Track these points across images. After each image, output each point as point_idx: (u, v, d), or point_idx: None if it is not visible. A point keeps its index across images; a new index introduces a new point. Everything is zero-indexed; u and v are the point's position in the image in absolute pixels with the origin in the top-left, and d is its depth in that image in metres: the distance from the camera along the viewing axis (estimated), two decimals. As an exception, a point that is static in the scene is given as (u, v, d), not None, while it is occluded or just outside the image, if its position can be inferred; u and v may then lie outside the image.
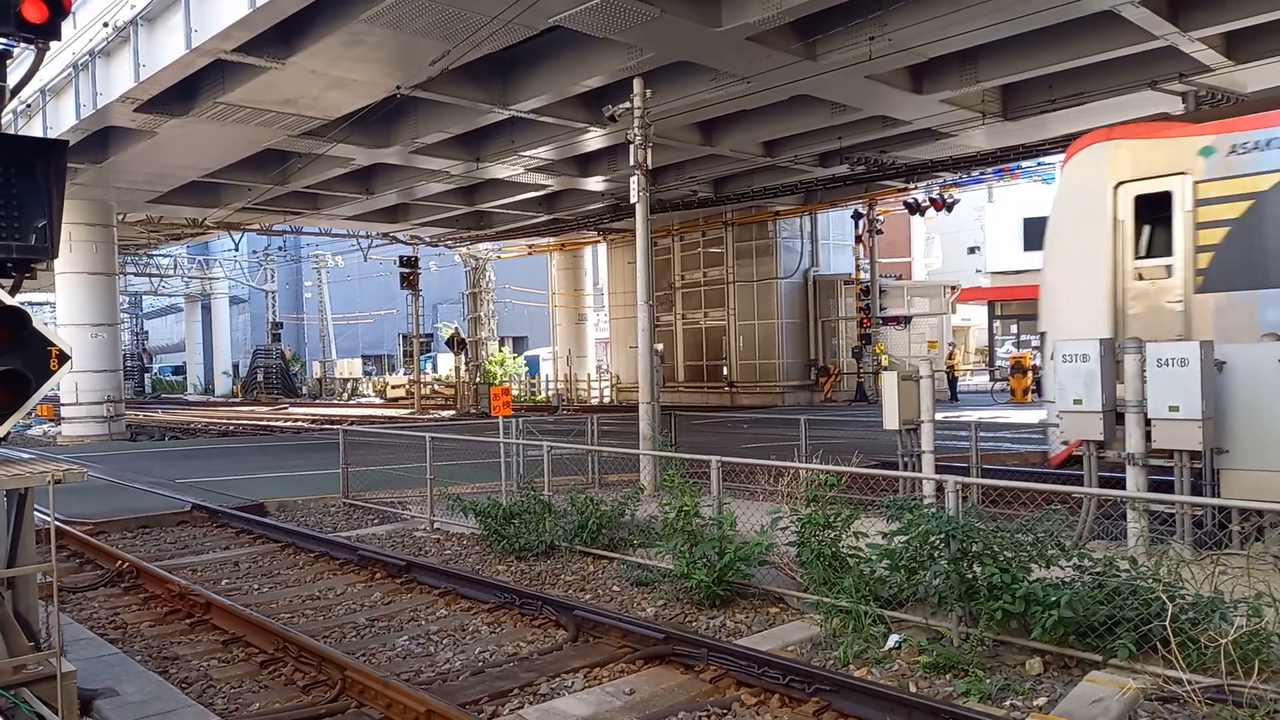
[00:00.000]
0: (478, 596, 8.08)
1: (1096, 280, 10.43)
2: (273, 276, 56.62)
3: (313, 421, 33.33)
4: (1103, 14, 14.64)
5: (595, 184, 27.20)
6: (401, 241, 39.22)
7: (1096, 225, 10.44)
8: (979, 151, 22.98)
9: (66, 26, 4.79)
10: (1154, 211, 10.10)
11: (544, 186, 28.01)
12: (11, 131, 14.41)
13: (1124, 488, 8.32)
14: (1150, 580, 5.87)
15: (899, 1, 14.50)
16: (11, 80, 4.70)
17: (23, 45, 4.63)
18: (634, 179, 13.43)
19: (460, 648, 6.88)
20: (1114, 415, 8.49)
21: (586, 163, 25.70)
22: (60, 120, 20.98)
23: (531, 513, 10.00)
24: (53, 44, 4.76)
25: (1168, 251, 9.99)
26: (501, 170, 25.21)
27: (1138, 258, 10.24)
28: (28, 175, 4.63)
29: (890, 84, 17.77)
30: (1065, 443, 9.72)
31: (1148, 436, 8.22)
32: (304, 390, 55.25)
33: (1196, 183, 9.74)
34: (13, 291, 4.70)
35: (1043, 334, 11.11)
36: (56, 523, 4.95)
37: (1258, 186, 9.39)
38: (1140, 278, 10.22)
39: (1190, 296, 9.79)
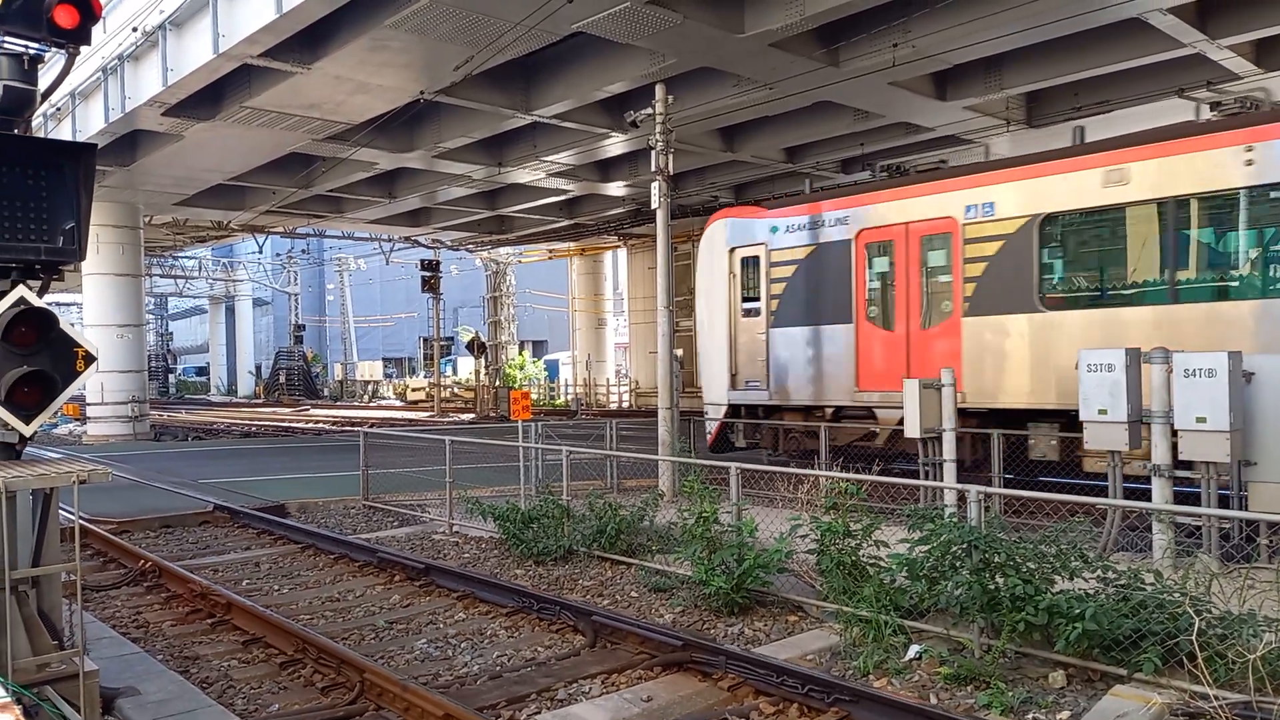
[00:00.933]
0: (496, 600, 8.08)
1: (722, 315, 15.58)
2: (296, 279, 57.09)
3: (334, 423, 33.55)
4: (1130, 21, 14.49)
5: (616, 189, 27.25)
6: (423, 245, 39.45)
7: (721, 277, 15.58)
8: (1002, 159, 22.79)
9: (96, 31, 4.85)
10: (751, 269, 15.25)
11: (565, 191, 28.08)
12: (41, 135, 14.62)
13: (1149, 499, 8.22)
14: (1177, 594, 5.78)
15: (923, 8, 14.43)
16: (43, 84, 4.76)
17: (54, 50, 4.69)
18: (655, 184, 13.43)
19: (478, 651, 6.88)
20: (1139, 425, 8.39)
21: (608, 168, 25.74)
22: (89, 123, 21.26)
23: (550, 517, 10.00)
24: (83, 49, 4.82)
25: (757, 298, 15.14)
26: (523, 175, 25.29)
27: (743, 301, 15.42)
28: (57, 178, 4.69)
29: (914, 90, 17.68)
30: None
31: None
32: (325, 392, 55.64)
33: (769, 250, 14.88)
34: (40, 293, 4.76)
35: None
36: (81, 522, 5.00)
37: (798, 255, 14.55)
38: (744, 315, 15.39)
39: (769, 330, 15.08)
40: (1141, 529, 8.12)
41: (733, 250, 15.39)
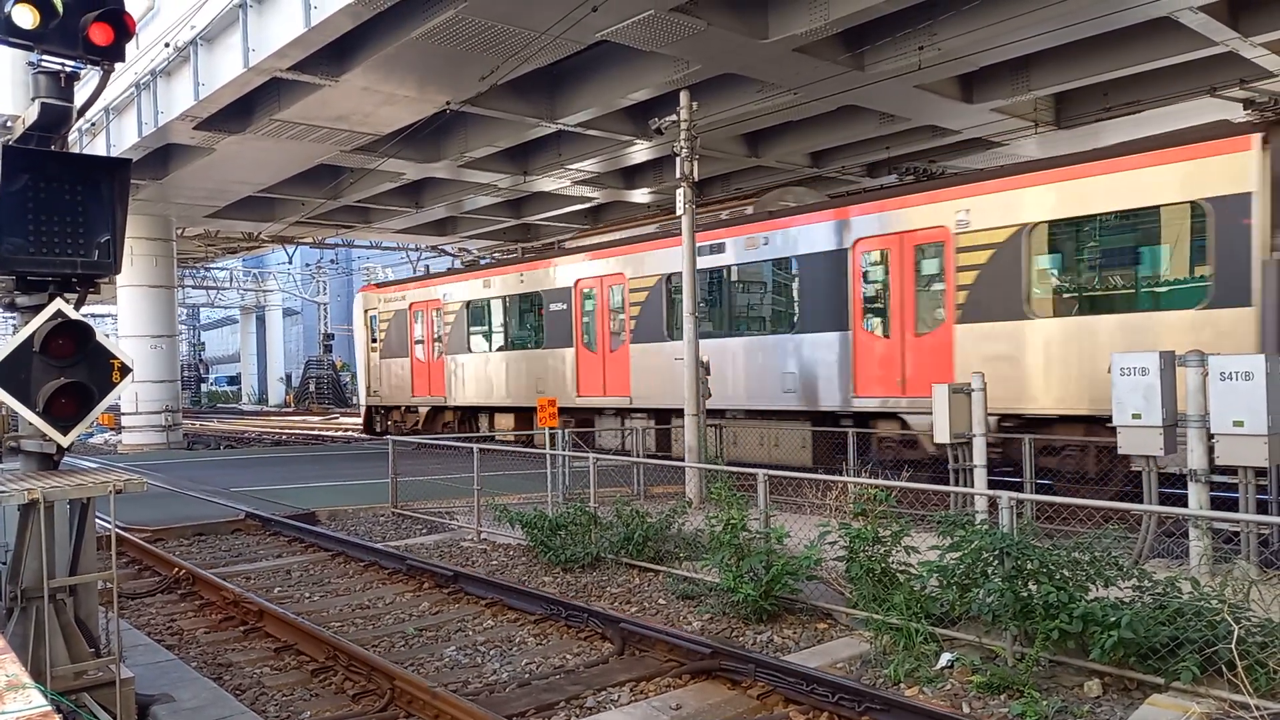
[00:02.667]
0: (524, 608, 8.10)
1: (364, 354, 27.42)
2: (325, 289, 57.70)
3: (363, 431, 33.73)
4: (1160, 20, 14.31)
5: (641, 196, 27.28)
6: (450, 254, 39.68)
7: (361, 326, 27.29)
8: (1030, 161, 22.56)
9: (129, 48, 4.93)
10: (373, 322, 26.99)
11: (590, 199, 28.16)
12: (77, 150, 14.89)
13: (1184, 504, 8.08)
14: (1215, 601, 5.68)
15: (949, 11, 14.33)
16: (78, 100, 4.85)
17: (90, 67, 4.78)
18: (680, 191, 13.43)
19: (507, 659, 6.90)
20: (1174, 430, 8.26)
21: (632, 175, 25.78)
22: (123, 138, 21.63)
23: (577, 524, 10.01)
24: (117, 65, 4.91)
25: (375, 339, 26.80)
26: (548, 183, 25.39)
27: (370, 345, 26.91)
28: (93, 192, 4.77)
29: (940, 93, 17.55)
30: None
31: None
32: (354, 400, 56.06)
33: (379, 310, 26.45)
34: (77, 305, 4.84)
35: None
36: (116, 530, 5.07)
37: (390, 314, 26.09)
38: (372, 354, 26.93)
39: (379, 363, 26.53)
40: (1178, 535, 7.99)
41: (367, 311, 27.29)
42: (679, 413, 14.60)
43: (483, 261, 26.97)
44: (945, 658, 6.28)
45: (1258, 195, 10.27)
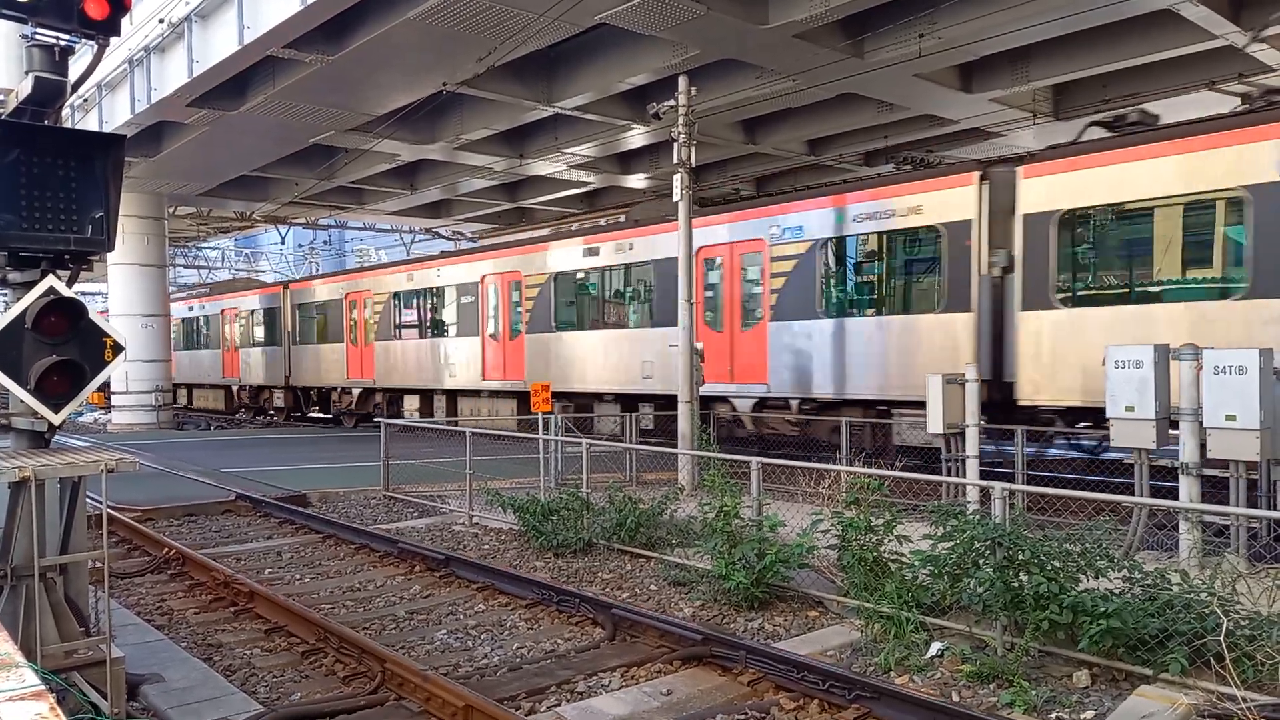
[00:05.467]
0: (516, 592, 8.11)
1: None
2: (318, 270, 57.45)
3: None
4: (1160, 12, 14.27)
5: (637, 181, 27.17)
6: (444, 237, 39.52)
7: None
8: (1028, 152, 22.53)
9: (124, 23, 4.87)
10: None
11: (586, 183, 28.04)
12: (69, 126, 14.77)
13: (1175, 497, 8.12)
14: (1204, 594, 5.71)
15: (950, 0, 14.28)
16: (72, 75, 4.79)
17: (84, 41, 4.72)
18: (677, 177, 13.39)
19: (498, 643, 6.91)
20: (1167, 423, 8.28)
21: (629, 160, 25.67)
22: (115, 115, 21.44)
23: (570, 509, 10.02)
24: (111, 40, 4.85)
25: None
26: (544, 167, 25.27)
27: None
28: (86, 168, 4.72)
29: (939, 82, 17.49)
30: None
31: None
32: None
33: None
34: (70, 283, 4.80)
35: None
36: (107, 509, 5.05)
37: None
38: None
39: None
40: (1169, 528, 8.03)
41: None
42: (570, 395, 19.04)
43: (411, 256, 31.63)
44: (935, 647, 6.31)
45: (975, 222, 12.70)
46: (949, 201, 13.14)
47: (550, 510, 10.02)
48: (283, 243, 50.41)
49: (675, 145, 13.30)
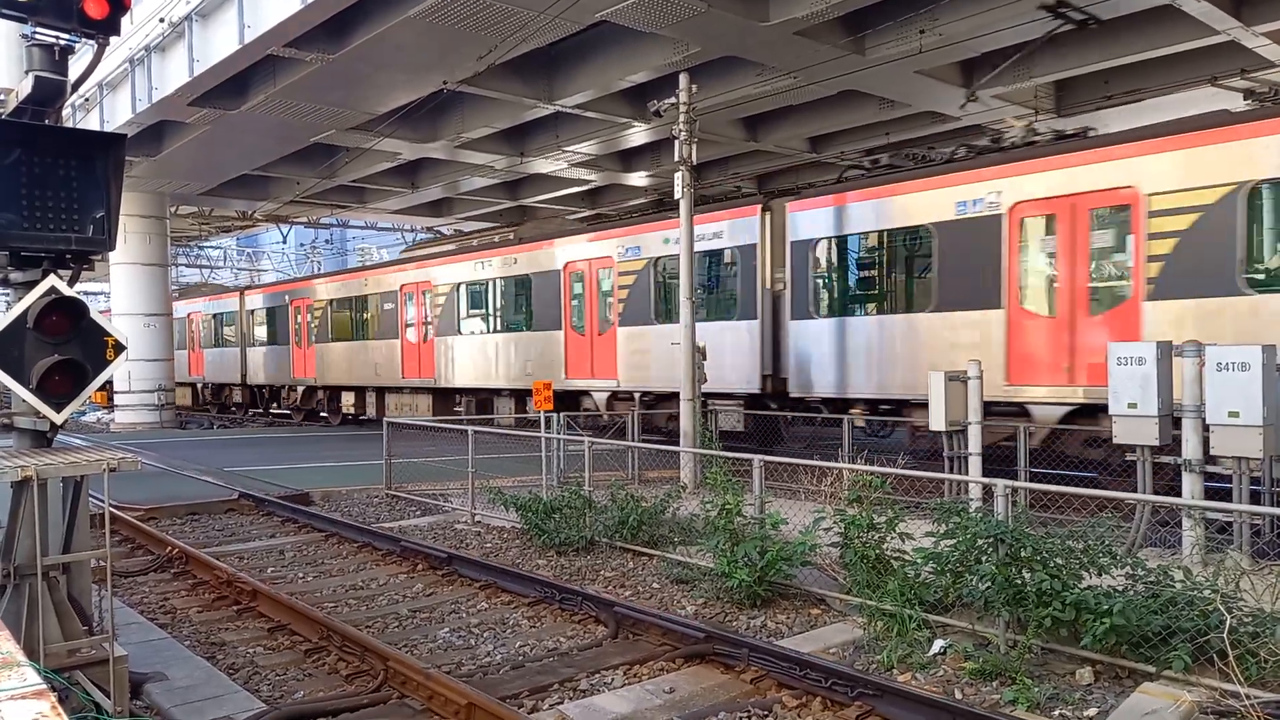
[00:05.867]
0: (518, 590, 8.10)
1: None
2: (319, 269, 57.43)
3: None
4: (1163, 8, 14.24)
5: (638, 179, 27.15)
6: (445, 235, 39.50)
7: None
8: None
9: (124, 22, 4.86)
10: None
11: (587, 181, 28.02)
12: (70, 125, 14.77)
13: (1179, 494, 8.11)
14: (1207, 590, 5.70)
15: (950, -5, 14.25)
16: (72, 74, 4.79)
17: (84, 41, 4.72)
18: (678, 174, 13.37)
19: (500, 641, 6.91)
20: (1170, 420, 8.27)
21: (630, 158, 25.65)
22: (116, 114, 21.45)
23: (572, 508, 10.02)
24: (111, 39, 4.85)
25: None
26: (545, 165, 25.26)
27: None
28: (87, 168, 4.72)
29: (940, 79, 17.47)
30: None
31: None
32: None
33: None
34: (71, 282, 4.80)
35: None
36: (110, 508, 5.05)
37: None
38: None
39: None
40: (1172, 524, 8.02)
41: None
42: (473, 390, 22.34)
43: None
44: (938, 644, 6.31)
45: (759, 246, 15.67)
46: (740, 228, 16.05)
47: (552, 508, 10.02)
48: (284, 242, 50.41)
49: (676, 143, 13.28)
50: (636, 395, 17.70)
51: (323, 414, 29.68)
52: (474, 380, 22.17)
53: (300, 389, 30.34)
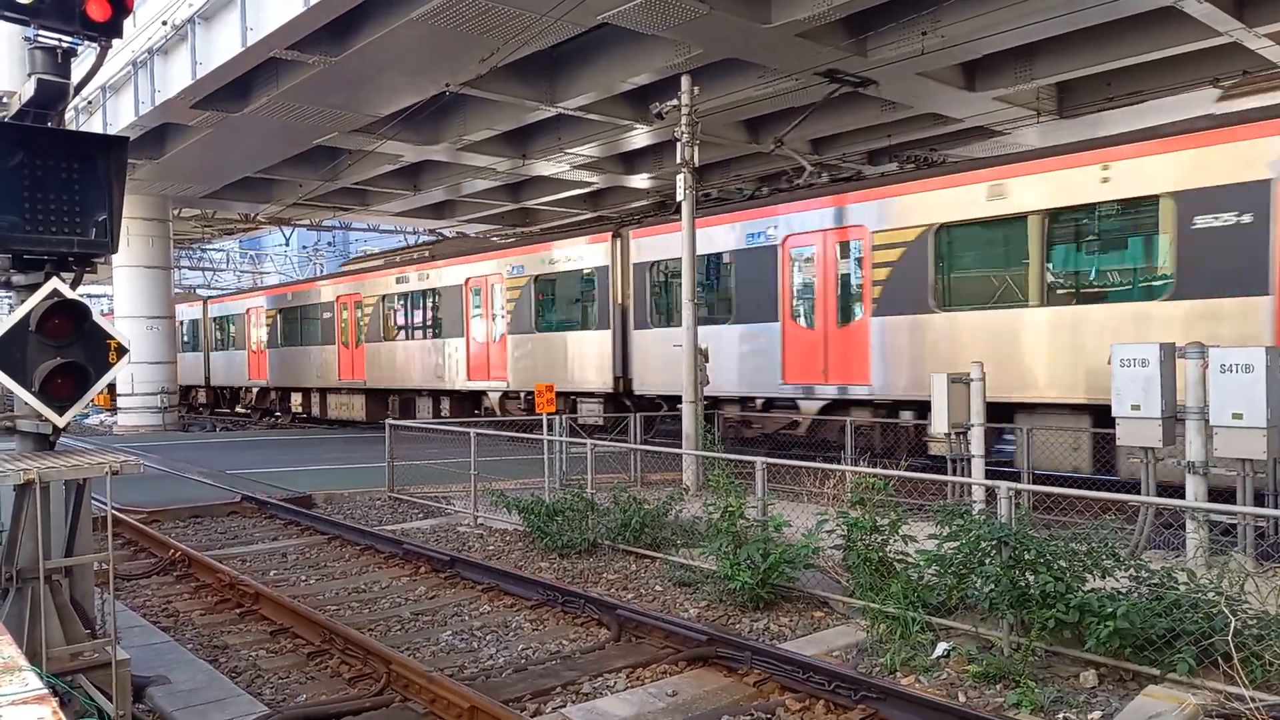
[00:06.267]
0: (521, 593, 8.10)
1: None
2: (322, 271, 57.48)
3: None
4: (1164, 9, 14.22)
5: (640, 181, 27.16)
6: (447, 237, 39.52)
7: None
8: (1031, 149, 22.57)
9: (127, 25, 4.86)
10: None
11: (589, 184, 28.04)
12: (73, 128, 14.77)
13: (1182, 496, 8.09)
14: (1211, 593, 5.69)
15: (952, -3, 14.24)
16: (75, 77, 4.79)
17: (87, 43, 4.72)
18: (680, 176, 13.37)
19: (503, 644, 6.90)
20: (1173, 421, 8.25)
21: (632, 160, 25.66)
22: (119, 117, 21.48)
23: (574, 510, 10.01)
24: (114, 42, 4.85)
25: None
26: (547, 167, 25.28)
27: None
28: (90, 171, 4.72)
29: (942, 81, 17.46)
30: None
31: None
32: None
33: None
34: (74, 285, 4.80)
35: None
36: (113, 511, 5.04)
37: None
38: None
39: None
40: (1176, 527, 8.00)
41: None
42: (397, 390, 25.23)
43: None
44: (941, 647, 6.29)
45: (610, 268, 18.48)
46: (595, 253, 18.97)
47: (555, 511, 10.02)
48: (287, 244, 50.47)
49: (678, 145, 13.28)
50: (522, 394, 20.47)
51: (276, 413, 32.58)
52: (398, 382, 25.16)
53: (255, 390, 33.32)
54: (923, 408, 12.04)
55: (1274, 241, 9.97)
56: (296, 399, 30.59)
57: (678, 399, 14.12)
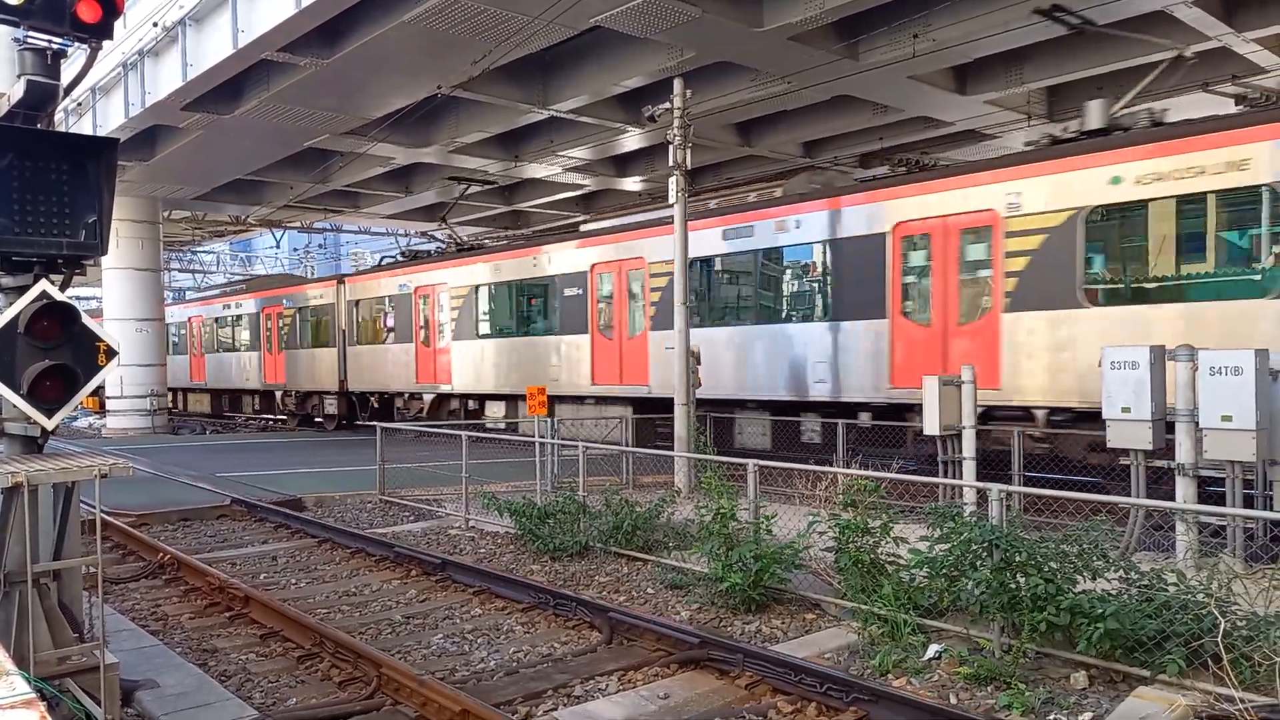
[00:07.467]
0: (512, 596, 8.08)
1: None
2: (313, 274, 57.33)
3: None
4: (1155, 14, 14.31)
5: (633, 184, 27.17)
6: (439, 241, 39.45)
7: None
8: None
9: (117, 26, 4.85)
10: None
11: (581, 186, 28.04)
12: (63, 130, 14.70)
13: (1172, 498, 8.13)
14: (1201, 595, 5.71)
15: (943, 2, 14.28)
16: (65, 79, 4.77)
17: (77, 45, 4.70)
18: (673, 179, 13.38)
19: (495, 647, 6.88)
20: (1163, 424, 8.29)
21: (624, 163, 25.67)
22: (109, 119, 21.38)
23: (566, 513, 9.99)
24: (104, 43, 4.83)
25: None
26: (539, 170, 25.28)
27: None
28: (79, 172, 4.70)
29: (933, 84, 17.53)
30: None
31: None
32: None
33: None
34: (63, 287, 4.77)
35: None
36: (101, 515, 5.02)
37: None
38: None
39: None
40: (1166, 528, 8.03)
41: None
42: (309, 392, 29.11)
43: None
44: (933, 649, 6.30)
45: (336, 305, 25.72)
46: (334, 294, 27.36)
47: (547, 514, 10.00)
48: (278, 246, 50.31)
49: (671, 148, 13.30)
50: (427, 397, 24.00)
51: (227, 413, 35.57)
52: (303, 384, 29.23)
53: (196, 395, 37.01)
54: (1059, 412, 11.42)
55: None
56: (236, 400, 34.49)
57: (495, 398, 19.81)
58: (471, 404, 22.58)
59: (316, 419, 29.26)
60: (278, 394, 30.30)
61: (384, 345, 25.50)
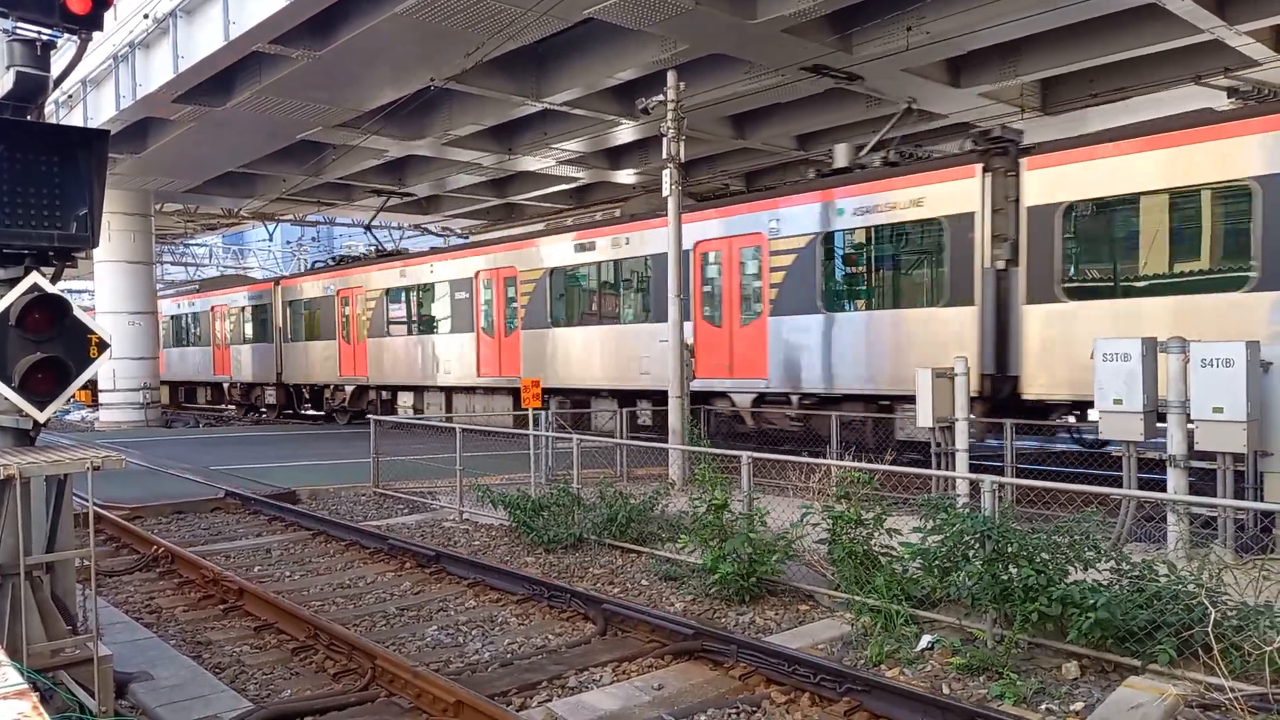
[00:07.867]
0: (506, 588, 8.09)
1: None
2: (306, 266, 57.14)
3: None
4: (1147, 6, 14.32)
5: (626, 177, 27.14)
6: (433, 233, 39.37)
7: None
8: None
9: (107, 18, 4.82)
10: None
11: (575, 179, 28.00)
12: (54, 122, 14.61)
13: (1163, 489, 8.17)
14: (1192, 585, 5.74)
15: (937, -7, 14.29)
16: (55, 71, 4.74)
17: (67, 36, 4.67)
18: (666, 172, 13.36)
19: (489, 639, 6.89)
20: (1155, 415, 8.32)
21: (618, 155, 25.64)
22: (100, 111, 21.28)
23: (560, 505, 10.01)
24: (94, 35, 4.80)
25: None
26: (533, 163, 25.22)
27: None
28: (70, 164, 4.67)
29: (927, 77, 17.53)
30: None
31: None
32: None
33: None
34: (54, 279, 4.75)
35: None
36: (94, 507, 5.01)
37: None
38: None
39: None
40: (1157, 519, 8.07)
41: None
42: (258, 384, 31.31)
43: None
44: (925, 640, 6.33)
45: (272, 304, 29.49)
46: (270, 295, 29.91)
47: (541, 506, 10.01)
48: (270, 239, 50.16)
49: (664, 140, 13.28)
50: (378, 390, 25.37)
51: (185, 404, 38.32)
52: (245, 375, 31.79)
53: (163, 389, 38.76)
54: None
55: None
56: (195, 392, 37.76)
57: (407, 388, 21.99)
58: (385, 395, 25.27)
59: (261, 409, 31.61)
60: (225, 385, 33.60)
61: (312, 341, 28.13)
